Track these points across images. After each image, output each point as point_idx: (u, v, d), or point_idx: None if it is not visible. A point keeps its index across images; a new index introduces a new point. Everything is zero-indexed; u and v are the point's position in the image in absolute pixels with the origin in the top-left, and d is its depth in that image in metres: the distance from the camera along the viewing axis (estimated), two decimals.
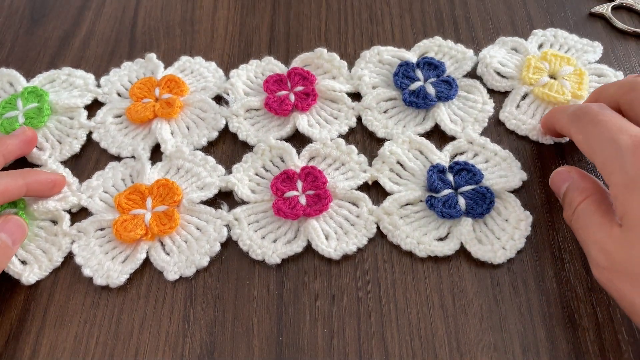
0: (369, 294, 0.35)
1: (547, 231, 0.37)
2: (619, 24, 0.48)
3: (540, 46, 0.47)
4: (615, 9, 0.50)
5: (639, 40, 0.47)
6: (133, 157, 0.42)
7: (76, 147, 0.43)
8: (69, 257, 0.37)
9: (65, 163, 0.42)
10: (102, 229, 0.38)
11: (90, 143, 0.43)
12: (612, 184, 0.30)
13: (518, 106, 0.43)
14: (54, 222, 0.39)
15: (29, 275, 0.36)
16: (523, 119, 0.42)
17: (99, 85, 0.46)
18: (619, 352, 0.32)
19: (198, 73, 0.46)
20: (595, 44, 0.47)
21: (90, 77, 0.47)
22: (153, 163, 0.41)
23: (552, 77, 0.44)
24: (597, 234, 0.30)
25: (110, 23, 0.51)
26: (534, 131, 0.41)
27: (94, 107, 0.45)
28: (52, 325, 0.34)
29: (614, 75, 0.44)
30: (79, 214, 0.39)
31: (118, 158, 0.42)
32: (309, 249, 0.37)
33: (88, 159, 0.42)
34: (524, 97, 0.43)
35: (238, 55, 0.48)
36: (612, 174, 0.30)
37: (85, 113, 0.44)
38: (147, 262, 0.37)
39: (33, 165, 0.42)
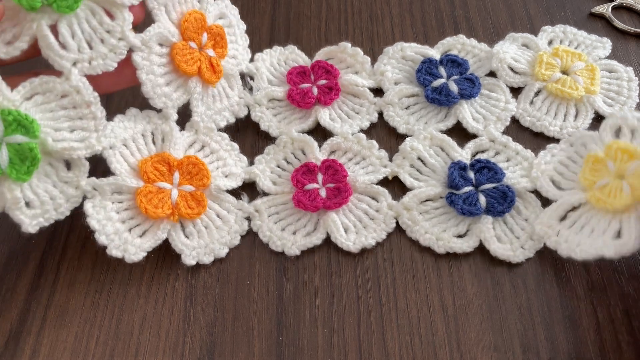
0: (369, 294, 0.35)
1: None
2: (619, 24, 0.48)
3: (550, 42, 0.47)
4: (616, 9, 0.50)
5: (639, 40, 0.47)
6: (155, 110, 0.38)
7: (111, 64, 0.33)
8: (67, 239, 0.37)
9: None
10: (119, 193, 0.35)
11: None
12: None
13: (532, 102, 0.43)
14: (67, 165, 0.33)
15: (30, 223, 0.32)
16: (537, 115, 0.42)
17: None
18: (619, 352, 0.32)
19: (231, 39, 0.42)
20: (605, 39, 0.46)
21: None
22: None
23: (564, 72, 0.44)
24: None
25: None
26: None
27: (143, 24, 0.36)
28: (52, 325, 0.34)
29: (624, 71, 0.44)
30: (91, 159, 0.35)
31: (143, 102, 0.37)
32: (327, 241, 0.37)
33: None
34: (537, 94, 0.43)
35: None
36: None
37: (130, 18, 0.34)
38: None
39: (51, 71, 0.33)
